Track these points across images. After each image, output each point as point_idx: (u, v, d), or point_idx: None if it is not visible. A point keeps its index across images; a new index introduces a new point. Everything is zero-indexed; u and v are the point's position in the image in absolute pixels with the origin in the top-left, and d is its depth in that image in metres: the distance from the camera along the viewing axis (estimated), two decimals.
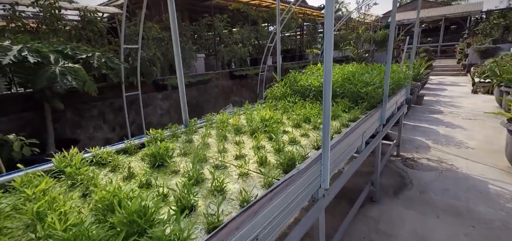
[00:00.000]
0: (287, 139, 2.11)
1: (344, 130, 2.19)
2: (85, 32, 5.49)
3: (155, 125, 5.94)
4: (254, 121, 2.49)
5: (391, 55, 2.89)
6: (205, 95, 7.07)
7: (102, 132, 5.02)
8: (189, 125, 2.52)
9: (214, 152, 1.96)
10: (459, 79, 13.77)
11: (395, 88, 3.61)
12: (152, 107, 5.86)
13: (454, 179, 3.86)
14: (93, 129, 4.89)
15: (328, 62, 1.49)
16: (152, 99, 5.87)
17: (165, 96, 6.08)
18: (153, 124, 5.90)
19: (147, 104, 5.79)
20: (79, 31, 5.41)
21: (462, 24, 21.90)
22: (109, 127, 5.14)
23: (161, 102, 6.04)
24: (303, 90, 3.45)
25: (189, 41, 7.53)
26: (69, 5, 5.63)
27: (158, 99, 5.97)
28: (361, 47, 12.77)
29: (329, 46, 1.47)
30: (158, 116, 6.01)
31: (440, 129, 6.16)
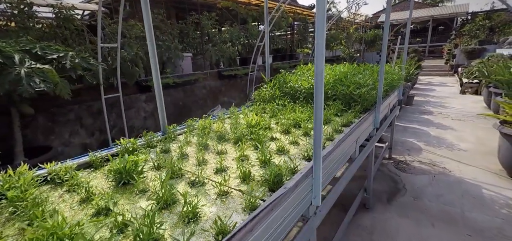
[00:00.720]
0: (274, 148, 1.90)
1: (337, 137, 2.00)
2: (61, 31, 5.13)
3: (139, 129, 5.63)
4: (240, 127, 2.28)
5: (385, 56, 2.73)
6: (192, 96, 6.80)
7: (79, 138, 4.68)
8: (168, 132, 2.28)
9: (192, 164, 1.74)
10: (447, 79, 13.96)
11: (388, 89, 3.47)
12: (135, 109, 5.55)
13: (448, 184, 3.76)
14: (69, 135, 4.56)
15: (320, 63, 1.29)
16: (135, 101, 5.56)
17: (150, 97, 5.77)
18: (136, 128, 5.60)
19: (130, 107, 5.48)
20: (53, 30, 5.05)
21: (450, 25, 22.35)
22: (87, 132, 4.81)
23: (145, 104, 5.74)
24: (293, 92, 3.26)
25: (175, 39, 7.23)
26: (41, 1, 5.26)
27: (142, 101, 5.66)
28: (352, 46, 12.75)
29: (320, 46, 1.27)
30: (142, 120, 5.70)
31: (431, 130, 6.11)
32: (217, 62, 8.19)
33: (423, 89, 11.48)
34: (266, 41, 3.63)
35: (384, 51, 2.72)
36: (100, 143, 4.95)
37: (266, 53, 3.68)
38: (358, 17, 16.83)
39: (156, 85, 2.36)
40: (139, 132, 6.05)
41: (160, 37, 6.73)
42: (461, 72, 11.74)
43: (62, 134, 4.48)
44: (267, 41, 3.66)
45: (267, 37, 3.64)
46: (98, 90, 4.58)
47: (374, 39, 13.70)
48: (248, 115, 2.78)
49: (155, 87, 2.37)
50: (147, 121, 5.79)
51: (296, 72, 3.82)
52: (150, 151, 1.99)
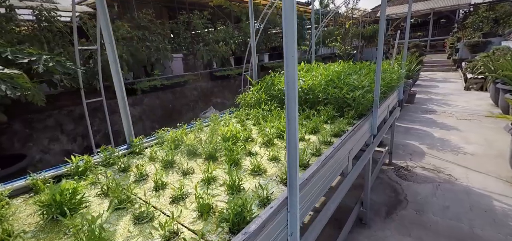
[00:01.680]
0: (250, 167, 1.59)
1: (324, 153, 1.69)
2: (43, 33, 4.86)
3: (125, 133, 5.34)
4: (215, 139, 1.98)
5: (381, 54, 2.41)
6: (182, 98, 6.50)
7: (60, 145, 4.41)
8: (133, 145, 1.98)
9: (148, 189, 1.44)
10: (450, 75, 13.56)
11: (387, 90, 3.15)
12: (119, 114, 5.25)
13: (454, 194, 3.44)
14: (49, 142, 4.28)
15: (291, 68, 0.98)
16: None
17: (136, 101, 5.49)
18: (122, 133, 5.30)
19: (115, 111, 5.19)
20: (34, 32, 4.77)
21: (452, 18, 21.86)
22: (69, 138, 4.53)
23: (132, 108, 5.45)
24: (281, 95, 2.95)
25: (165, 40, 6.93)
26: (20, 2, 4.98)
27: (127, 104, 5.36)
28: (350, 43, 12.36)
29: (291, 45, 0.96)
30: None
31: (434, 131, 5.77)
32: (209, 62, 7.89)
33: (425, 86, 11.11)
34: (251, 39, 3.33)
35: (380, 49, 2.40)
36: (83, 149, 4.67)
37: (253, 52, 3.37)
38: (356, 12, 16.43)
39: (118, 92, 2.07)
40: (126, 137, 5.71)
41: (149, 38, 6.44)
42: (465, 67, 11.34)
43: (41, 141, 4.20)
44: (253, 39, 3.34)
45: (252, 35, 3.33)
46: (79, 94, 4.30)
47: (373, 34, 13.32)
48: (227, 123, 2.48)
49: (118, 95, 2.08)
50: (135, 126, 5.48)
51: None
52: (108, 169, 1.70)
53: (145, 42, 6.12)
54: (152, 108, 5.77)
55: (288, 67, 0.98)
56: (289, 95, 1.02)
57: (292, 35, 0.95)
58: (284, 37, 0.96)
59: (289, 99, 1.03)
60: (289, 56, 0.97)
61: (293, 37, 0.95)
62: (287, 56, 0.97)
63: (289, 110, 1.04)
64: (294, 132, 1.06)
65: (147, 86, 5.40)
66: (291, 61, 0.97)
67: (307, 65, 3.93)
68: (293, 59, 0.97)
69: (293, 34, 0.95)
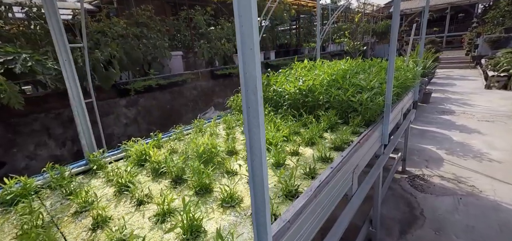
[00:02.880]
0: (221, 195, 1.23)
1: (318, 177, 1.31)
2: (32, 31, 4.66)
3: (120, 136, 5.10)
4: (193, 151, 1.63)
5: (394, 51, 2.00)
6: (181, 98, 6.21)
7: (47, 150, 4.19)
8: (93, 160, 1.65)
9: (83, 227, 1.11)
10: (468, 72, 12.74)
11: (400, 92, 2.71)
12: (113, 116, 5.02)
13: (479, 210, 2.97)
14: (35, 147, 4.06)
15: (252, 69, 0.62)
16: (114, 106, 5.02)
17: (130, 102, 5.23)
18: (117, 136, 5.07)
19: (108, 113, 4.95)
20: (23, 31, 4.57)
21: (471, 12, 20.72)
22: (58, 143, 4.31)
23: (126, 109, 5.20)
24: (277, 97, 2.58)
25: (164, 37, 6.65)
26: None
27: (121, 106, 5.12)
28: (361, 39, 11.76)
29: (248, 41, 0.59)
30: (123, 126, 5.17)
31: (453, 134, 5.24)
32: (211, 60, 7.56)
33: (441, 84, 10.41)
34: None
35: (393, 45, 1.98)
36: (74, 154, 4.45)
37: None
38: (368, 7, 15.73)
39: (75, 99, 1.75)
40: (120, 139, 5.45)
41: (147, 35, 6.17)
42: (486, 64, 10.57)
43: (26, 147, 3.99)
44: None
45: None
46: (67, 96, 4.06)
47: (386, 30, 12.66)
48: (212, 131, 2.13)
49: (74, 102, 1.76)
50: (129, 128, 5.25)
51: (284, 72, 3.12)
52: (55, 193, 1.39)
53: (142, 40, 5.85)
54: (148, 109, 5.50)
55: (245, 65, 0.62)
56: (249, 101, 0.65)
57: (250, 19, 0.58)
58: (237, 31, 0.60)
59: (250, 110, 0.66)
60: (245, 49, 0.61)
61: (250, 21, 0.59)
62: (243, 49, 0.61)
63: (249, 125, 0.67)
64: (260, 160, 0.69)
65: (141, 86, 5.13)
66: (249, 55, 0.61)
67: (310, 63, 3.53)
68: (251, 52, 0.60)
69: (250, 17, 0.58)
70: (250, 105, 0.63)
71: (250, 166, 0.72)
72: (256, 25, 0.59)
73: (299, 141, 1.85)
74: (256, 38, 0.58)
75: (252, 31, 0.58)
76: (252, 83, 0.62)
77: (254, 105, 0.63)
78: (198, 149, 1.53)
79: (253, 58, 0.60)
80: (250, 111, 0.64)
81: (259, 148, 0.66)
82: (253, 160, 0.70)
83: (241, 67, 0.62)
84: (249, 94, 0.63)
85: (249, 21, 0.58)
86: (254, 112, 0.63)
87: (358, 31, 11.62)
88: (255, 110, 0.63)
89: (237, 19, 0.59)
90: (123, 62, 5.09)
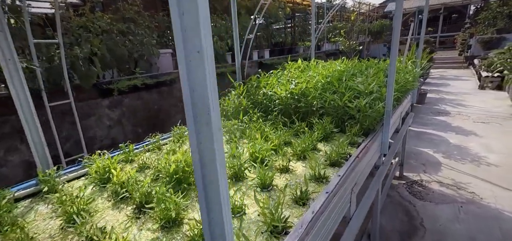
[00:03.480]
0: (189, 234, 1.00)
1: (312, 206, 1.09)
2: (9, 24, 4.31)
3: (102, 139, 4.81)
4: (164, 170, 1.39)
5: (396, 52, 1.79)
6: (170, 98, 5.93)
7: (20, 155, 3.88)
8: (43, 180, 1.39)
9: None
10: (461, 73, 12.76)
11: (400, 95, 2.52)
12: (95, 117, 4.71)
13: (481, 219, 2.82)
14: (5, 152, 3.75)
15: (201, 82, 0.38)
16: (95, 107, 4.72)
17: (114, 102, 4.93)
18: (99, 139, 4.77)
19: (89, 115, 4.65)
20: None
21: (463, 13, 20.88)
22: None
23: (109, 110, 4.90)
24: (267, 101, 2.35)
25: (153, 33, 6.35)
26: None
27: (104, 106, 4.82)
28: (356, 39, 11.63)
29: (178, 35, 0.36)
30: (106, 129, 4.87)
31: (449, 136, 5.11)
32: None
33: (436, 84, 10.37)
34: (234, 31, 2.72)
35: (394, 48, 1.78)
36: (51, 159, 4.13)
37: (236, 48, 2.76)
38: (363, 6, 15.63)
39: (22, 105, 1.49)
40: (102, 143, 5.14)
41: (134, 31, 5.86)
42: (479, 65, 10.56)
43: None
44: (236, 32, 2.73)
45: (235, 27, 2.71)
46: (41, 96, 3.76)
47: (381, 30, 12.56)
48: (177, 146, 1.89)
49: (21, 109, 1.50)
50: (113, 131, 4.96)
51: (276, 73, 2.90)
52: None
53: (128, 36, 5.54)
54: (133, 110, 5.21)
55: (189, 77, 0.39)
56: (200, 136, 0.42)
57: (195, 4, 0.35)
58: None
59: (202, 151, 0.43)
60: (189, 51, 0.38)
61: (196, 8, 0.36)
62: (186, 52, 0.38)
63: (204, 179, 0.44)
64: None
65: (125, 85, 4.83)
66: (197, 62, 0.38)
67: (304, 63, 3.32)
68: (199, 57, 0.37)
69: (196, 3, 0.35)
70: (202, 141, 0.41)
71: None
72: (207, 14, 0.36)
73: (290, 154, 1.63)
74: (208, 34, 0.36)
75: (199, 22, 0.35)
76: (202, 107, 0.39)
77: (209, 143, 0.40)
78: (169, 167, 1.29)
79: (202, 67, 0.37)
80: (204, 152, 0.41)
81: (219, 204, 0.43)
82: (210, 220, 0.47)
83: (183, 81, 0.39)
84: (200, 124, 0.40)
85: (195, 8, 0.35)
86: (209, 153, 0.40)
87: (354, 30, 11.48)
88: (210, 151, 0.40)
89: (174, 3, 0.36)
90: (106, 59, 4.79)
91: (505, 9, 16.56)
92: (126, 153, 1.68)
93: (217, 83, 0.48)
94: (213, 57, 0.40)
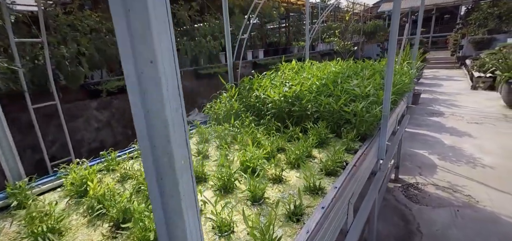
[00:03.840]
0: None
1: (307, 224, 1.00)
2: None
3: (91, 142, 4.65)
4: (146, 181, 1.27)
5: (394, 56, 1.71)
6: None
7: None
8: (12, 193, 1.26)
9: None
10: (454, 73, 12.89)
11: (397, 98, 2.45)
12: (83, 119, 4.55)
13: (478, 223, 2.78)
14: None
15: (157, 102, 0.28)
16: (83, 108, 4.55)
17: (103, 104, 4.77)
18: (87, 141, 4.61)
19: (76, 116, 4.48)
20: None
21: (455, 14, 21.15)
22: None
23: (97, 112, 4.73)
24: (260, 104, 2.25)
25: None
26: None
27: (92, 108, 4.66)
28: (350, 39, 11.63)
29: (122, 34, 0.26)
30: (94, 131, 4.70)
31: (444, 137, 5.10)
32: (195, 59, 7.15)
33: (429, 85, 10.43)
34: (226, 30, 2.61)
35: (392, 50, 1.70)
36: (35, 164, 3.97)
37: (227, 48, 2.66)
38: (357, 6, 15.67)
39: None
40: (91, 145, 4.96)
41: None
42: (471, 65, 10.66)
43: None
44: (228, 32, 2.63)
45: (227, 25, 2.61)
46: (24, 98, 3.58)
47: (375, 30, 12.60)
48: None
49: None
50: (102, 133, 4.79)
51: (269, 74, 2.80)
52: None
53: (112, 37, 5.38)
54: (123, 112, 5.05)
55: (142, 93, 0.29)
56: (161, 171, 0.32)
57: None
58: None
59: (163, 189, 0.33)
60: (140, 62, 0.28)
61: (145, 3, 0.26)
62: (137, 63, 0.28)
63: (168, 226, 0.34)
64: None
65: (115, 86, 4.68)
66: (149, 76, 0.28)
67: (298, 64, 3.24)
68: (152, 70, 0.27)
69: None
70: (163, 177, 0.31)
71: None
72: (164, 10, 0.26)
73: (283, 161, 1.54)
74: (165, 35, 0.26)
75: (150, 22, 0.25)
76: (160, 133, 0.29)
77: (170, 183, 0.30)
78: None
79: (155, 81, 0.27)
80: (165, 191, 0.31)
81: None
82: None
83: (132, 100, 0.29)
84: (158, 157, 0.30)
85: (144, 4, 0.25)
86: (173, 199, 0.30)
87: (348, 30, 11.47)
88: (174, 193, 0.30)
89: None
90: (94, 59, 4.63)
91: (495, 10, 16.84)
92: (108, 162, 1.56)
93: (213, 82, 0.38)
94: (175, 67, 0.31)
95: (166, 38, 0.28)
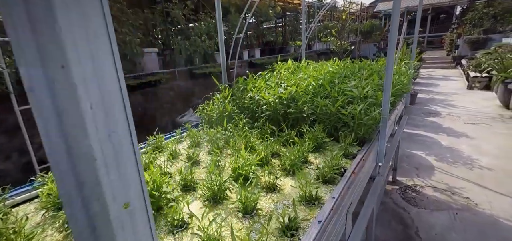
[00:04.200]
0: None
1: (303, 237, 0.91)
2: None
3: None
4: None
5: (393, 57, 1.64)
6: (156, 100, 5.67)
7: None
8: None
9: None
10: (449, 73, 12.93)
11: (396, 100, 2.38)
12: None
13: (477, 227, 2.72)
14: None
15: (79, 133, 0.19)
16: None
17: None
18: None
19: None
20: None
21: (451, 14, 21.28)
22: (0, 155, 3.69)
23: None
24: (255, 106, 2.16)
25: (138, 32, 6.06)
26: None
27: None
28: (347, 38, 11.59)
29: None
30: None
31: (441, 138, 5.07)
32: (190, 59, 7.04)
33: (425, 84, 10.43)
34: (218, 28, 2.51)
35: (391, 51, 1.62)
36: (22, 167, 3.84)
37: (220, 47, 2.56)
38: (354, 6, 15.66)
39: None
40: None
41: (117, 30, 5.56)
42: (467, 65, 10.70)
43: None
44: (221, 31, 2.53)
45: (219, 23, 2.51)
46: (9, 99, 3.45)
47: (371, 29, 12.58)
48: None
49: None
50: None
51: (263, 75, 2.71)
52: None
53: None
54: None
55: (58, 113, 0.20)
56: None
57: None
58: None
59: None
60: (52, 68, 0.18)
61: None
62: (51, 68, 0.18)
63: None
64: None
65: None
66: (63, 85, 0.18)
67: (294, 64, 3.16)
68: (64, 76, 0.18)
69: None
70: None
71: None
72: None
73: (278, 168, 1.45)
74: (84, 29, 0.17)
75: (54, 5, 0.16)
76: (84, 166, 0.20)
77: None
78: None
79: (70, 93, 0.18)
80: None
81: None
82: None
83: (40, 125, 0.20)
84: (87, 203, 0.21)
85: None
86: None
87: (345, 30, 11.43)
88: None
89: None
90: None
91: (491, 10, 16.96)
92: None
93: (208, 83, 0.30)
94: (111, 71, 0.22)
95: (90, 25, 0.19)
